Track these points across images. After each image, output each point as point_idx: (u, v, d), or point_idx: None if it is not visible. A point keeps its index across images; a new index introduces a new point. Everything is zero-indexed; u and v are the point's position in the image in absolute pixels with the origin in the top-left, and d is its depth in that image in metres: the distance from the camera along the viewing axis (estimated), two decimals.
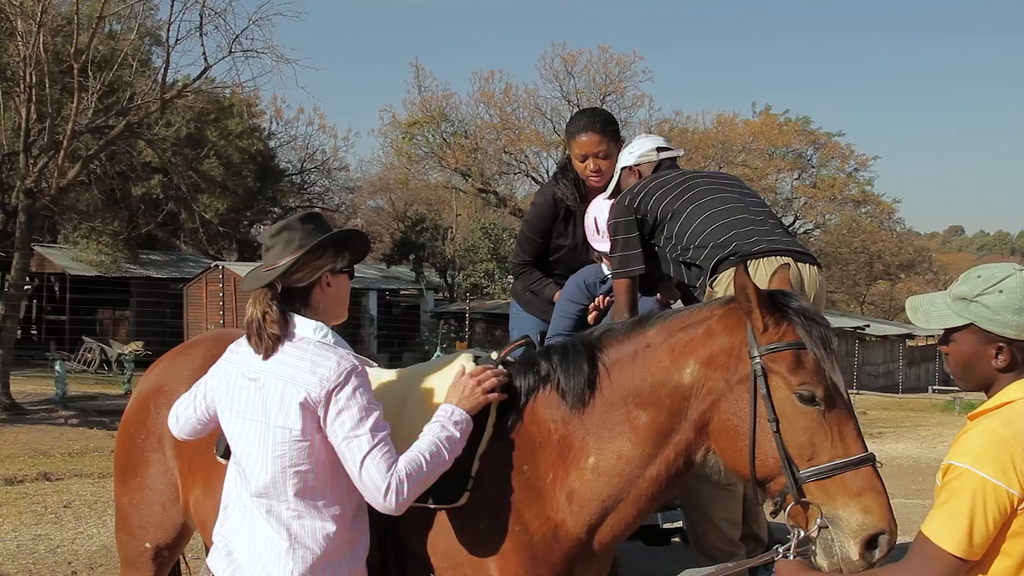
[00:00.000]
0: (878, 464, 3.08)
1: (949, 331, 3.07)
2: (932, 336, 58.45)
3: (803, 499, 3.05)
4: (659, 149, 5.04)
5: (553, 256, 5.61)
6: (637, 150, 5.08)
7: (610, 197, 5.07)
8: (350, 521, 3.26)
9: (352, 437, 3.09)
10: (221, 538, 3.35)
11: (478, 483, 3.35)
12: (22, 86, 20.03)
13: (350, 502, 3.25)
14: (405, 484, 3.09)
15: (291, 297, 3.27)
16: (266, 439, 3.17)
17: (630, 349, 3.39)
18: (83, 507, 10.77)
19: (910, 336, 52.15)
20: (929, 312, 3.10)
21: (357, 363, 3.20)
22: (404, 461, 3.12)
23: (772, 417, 3.07)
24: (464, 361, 3.59)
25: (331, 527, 3.19)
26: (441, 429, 3.25)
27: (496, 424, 3.42)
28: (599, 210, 5.07)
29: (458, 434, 3.26)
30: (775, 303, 3.16)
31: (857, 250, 53.99)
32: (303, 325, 3.24)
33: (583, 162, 5.39)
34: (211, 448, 3.85)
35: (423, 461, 3.15)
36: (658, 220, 4.50)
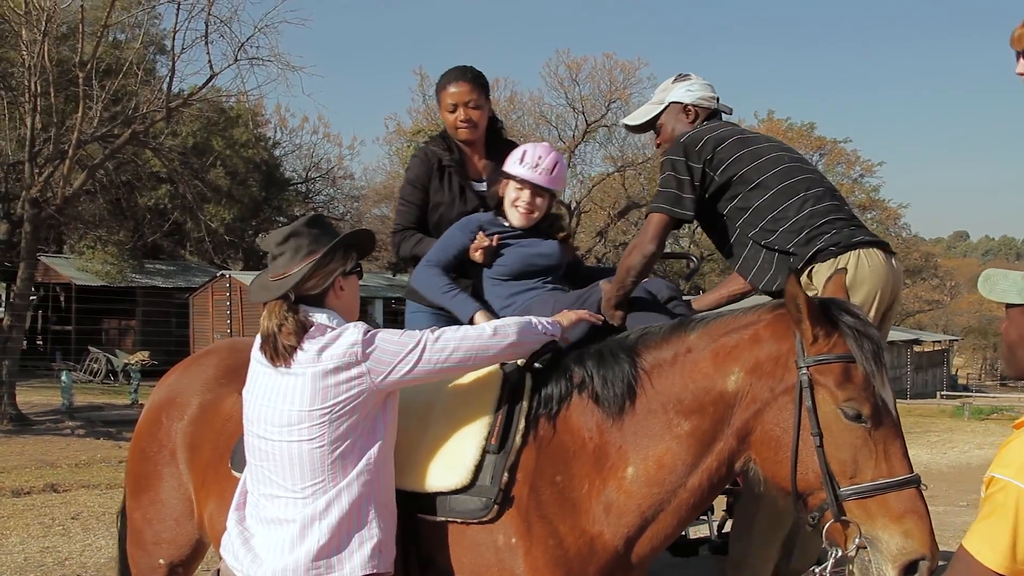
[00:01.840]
0: (923, 486, 2.98)
1: (1008, 307, 2.95)
2: (939, 341, 58.44)
3: (842, 517, 2.95)
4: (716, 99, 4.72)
5: (432, 219, 5.13)
6: (697, 90, 4.67)
7: (638, 127, 4.85)
8: (373, 492, 3.18)
9: (402, 354, 3.16)
10: (236, 524, 3.31)
11: (507, 496, 3.25)
12: (27, 95, 20.05)
13: (372, 476, 3.17)
14: (520, 331, 3.33)
15: (304, 304, 3.23)
16: (283, 419, 3.13)
17: (669, 354, 3.29)
18: (91, 519, 10.70)
19: (917, 341, 52.15)
20: (996, 284, 2.98)
21: (365, 327, 3.20)
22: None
23: (816, 431, 2.97)
24: (491, 368, 3.50)
25: (346, 502, 3.12)
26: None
27: (526, 433, 3.32)
28: (532, 145, 4.54)
29: (541, 330, 3.43)
30: (827, 313, 3.05)
31: None
32: (317, 315, 3.21)
33: (453, 113, 5.08)
34: (225, 461, 3.78)
35: (532, 322, 3.44)
36: (732, 182, 4.27)
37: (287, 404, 3.13)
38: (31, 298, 27.07)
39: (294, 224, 3.33)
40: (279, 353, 3.14)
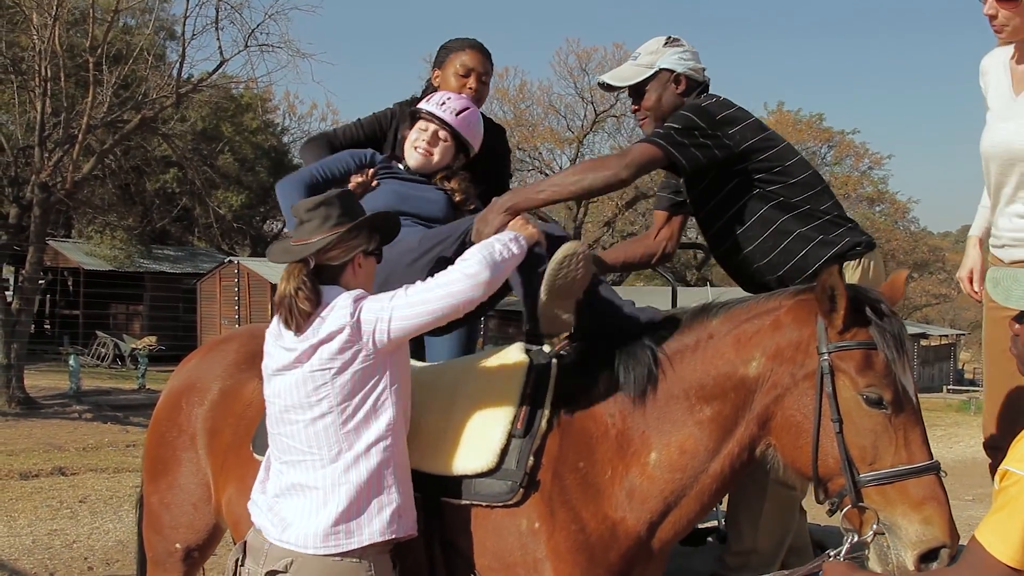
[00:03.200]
0: (943, 473, 2.98)
1: None
2: (946, 336, 58.34)
3: (860, 503, 2.96)
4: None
5: None
6: (689, 59, 4.34)
7: (617, 88, 4.40)
8: (390, 457, 3.19)
9: (383, 309, 3.12)
10: (260, 492, 3.34)
11: (533, 480, 3.25)
12: (37, 79, 20.04)
13: (388, 441, 3.19)
14: (480, 260, 3.16)
15: (321, 274, 3.26)
16: (303, 387, 3.15)
17: (691, 339, 3.30)
18: (99, 502, 10.75)
19: (924, 336, 52.02)
20: (1011, 289, 2.98)
21: (359, 294, 3.20)
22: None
23: (836, 417, 2.98)
24: (516, 353, 3.51)
25: (364, 469, 3.14)
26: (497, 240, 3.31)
27: (551, 418, 3.32)
28: (460, 98, 4.38)
29: (516, 250, 3.29)
30: (849, 300, 3.03)
31: None
32: (329, 292, 3.22)
33: (464, 77, 4.86)
34: (245, 446, 3.79)
35: (486, 245, 3.25)
36: (758, 164, 4.06)
37: (297, 379, 3.17)
38: (40, 282, 27.10)
39: (328, 194, 3.35)
40: (293, 316, 3.15)
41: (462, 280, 3.11)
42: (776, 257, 4.14)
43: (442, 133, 4.25)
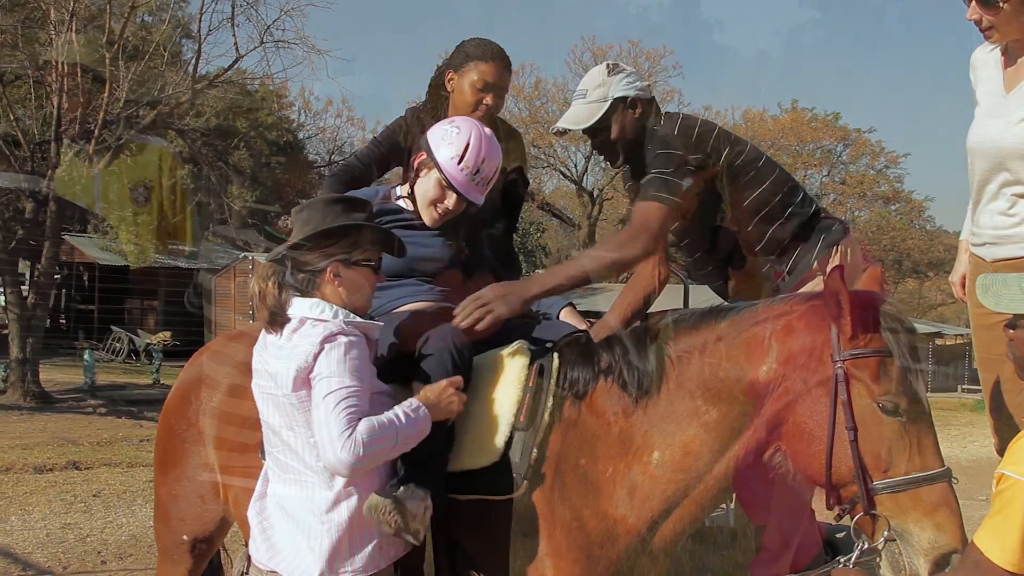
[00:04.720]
0: (954, 479, 2.96)
1: (1019, 316, 2.92)
2: (961, 335, 58.10)
3: (872, 511, 2.94)
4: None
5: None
6: (636, 79, 4.32)
7: (586, 130, 4.38)
8: (377, 486, 3.16)
9: (319, 379, 2.98)
10: (256, 514, 3.30)
11: (537, 472, 3.24)
12: (54, 75, 20.10)
13: (368, 477, 3.16)
14: (364, 437, 2.90)
15: (303, 280, 3.18)
16: (284, 414, 3.12)
17: (699, 341, 3.27)
18: (112, 496, 10.75)
19: (939, 334, 51.77)
20: (1000, 294, 2.96)
21: (336, 330, 3.05)
22: (367, 421, 2.95)
23: (851, 425, 2.95)
24: (517, 349, 3.47)
25: (351, 504, 3.11)
26: (405, 411, 3.07)
27: (553, 413, 3.31)
28: (478, 135, 3.78)
29: (419, 426, 3.06)
30: (864, 308, 3.02)
31: (886, 248, 53.59)
32: (299, 305, 3.14)
33: (482, 91, 4.52)
34: (251, 445, 3.79)
35: (387, 420, 2.99)
36: (733, 171, 4.14)
37: (277, 402, 3.15)
38: (55, 277, 27.21)
39: (316, 198, 3.30)
40: (260, 313, 3.12)
41: (373, 450, 2.94)
42: (768, 271, 4.18)
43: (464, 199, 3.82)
